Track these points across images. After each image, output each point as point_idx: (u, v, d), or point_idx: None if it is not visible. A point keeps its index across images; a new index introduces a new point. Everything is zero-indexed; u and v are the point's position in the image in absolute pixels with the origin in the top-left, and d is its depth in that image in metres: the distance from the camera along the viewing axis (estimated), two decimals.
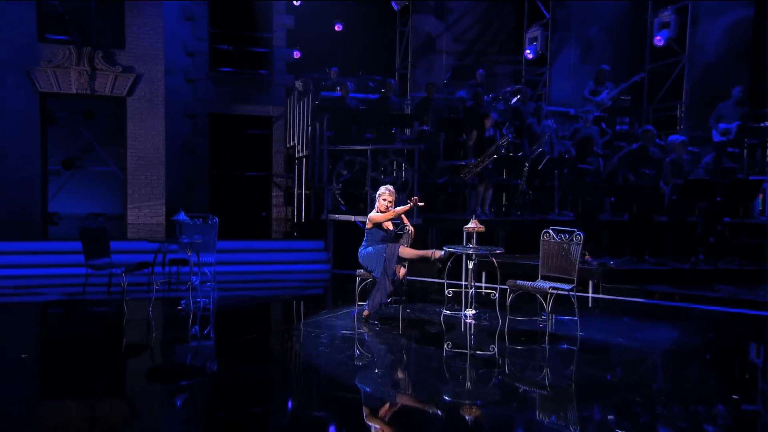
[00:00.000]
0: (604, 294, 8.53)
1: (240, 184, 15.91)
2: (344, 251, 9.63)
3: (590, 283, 8.64)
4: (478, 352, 5.76)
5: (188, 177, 15.28)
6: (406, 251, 6.48)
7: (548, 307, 6.01)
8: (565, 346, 6.05)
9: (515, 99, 12.79)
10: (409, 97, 13.33)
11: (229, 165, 15.77)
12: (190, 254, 6.94)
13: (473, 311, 7.02)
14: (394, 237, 6.67)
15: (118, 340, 6.08)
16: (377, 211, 6.61)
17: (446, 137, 11.51)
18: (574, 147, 10.36)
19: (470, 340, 6.18)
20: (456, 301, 7.27)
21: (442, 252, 6.52)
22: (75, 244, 8.53)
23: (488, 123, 10.41)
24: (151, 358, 5.55)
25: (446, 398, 4.46)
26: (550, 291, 5.98)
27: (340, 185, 10.25)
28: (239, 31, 15.42)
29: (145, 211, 13.19)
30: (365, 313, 6.49)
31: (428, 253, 6.50)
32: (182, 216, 7.17)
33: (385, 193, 6.61)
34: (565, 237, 6.37)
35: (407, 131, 12.05)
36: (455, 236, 7.99)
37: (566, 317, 6.62)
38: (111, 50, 12.94)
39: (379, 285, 6.40)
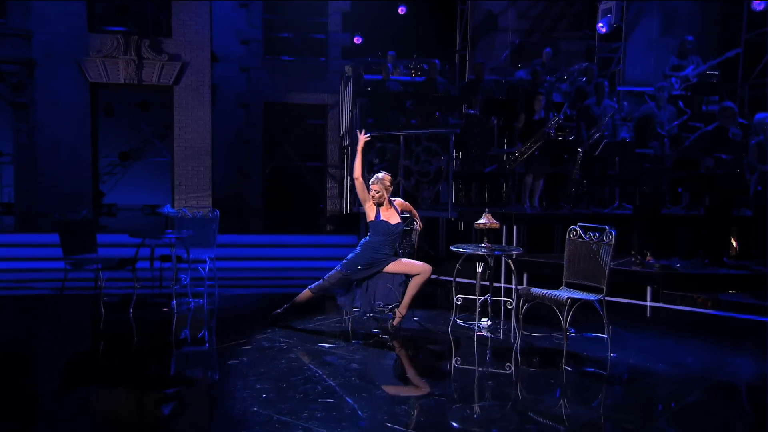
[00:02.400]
0: (665, 303, 7.15)
1: (295, 176, 15.37)
2: None
3: (648, 289, 7.28)
4: (483, 372, 4.71)
5: (242, 168, 14.91)
6: (418, 278, 5.55)
7: (566, 321, 4.86)
8: (590, 369, 4.90)
9: (584, 79, 11.35)
10: (466, 80, 12.17)
11: (284, 155, 15.25)
12: (172, 250, 6.30)
13: (488, 322, 5.94)
14: (402, 233, 5.72)
15: (73, 344, 5.53)
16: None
17: (497, 122, 10.33)
18: (634, 129, 8.89)
19: (471, 361, 5.12)
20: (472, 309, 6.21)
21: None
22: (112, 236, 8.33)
23: (538, 104, 9.16)
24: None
25: None
26: (566, 301, 4.82)
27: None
28: (293, 17, 14.82)
29: (192, 203, 12.87)
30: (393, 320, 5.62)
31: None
32: (168, 208, 6.55)
33: (374, 183, 5.62)
34: (594, 236, 5.17)
35: (457, 116, 10.94)
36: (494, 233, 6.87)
37: (595, 334, 5.42)
38: (158, 38, 12.69)
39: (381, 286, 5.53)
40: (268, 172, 15.12)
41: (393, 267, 5.58)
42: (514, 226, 8.16)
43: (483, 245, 5.66)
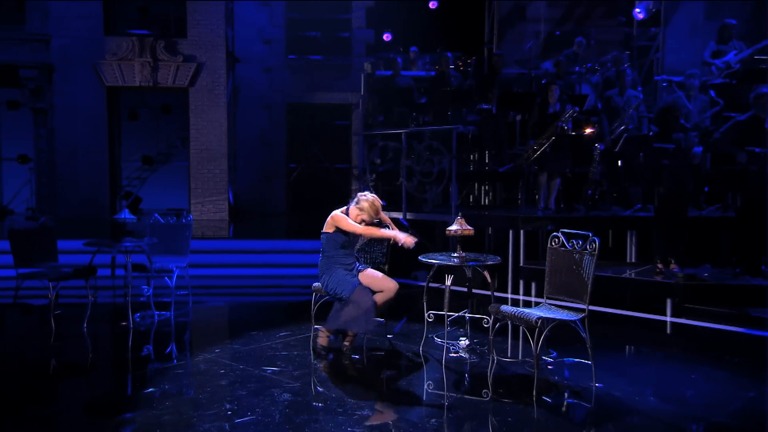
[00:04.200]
0: (688, 318, 6.25)
1: (320, 178, 14.91)
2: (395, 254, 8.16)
3: (668, 302, 6.40)
4: (425, 409, 4.05)
5: (265, 171, 14.56)
6: (381, 295, 4.85)
7: (536, 345, 4.14)
8: (569, 401, 4.15)
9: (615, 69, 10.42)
10: (483, 73, 11.39)
11: (310, 157, 14.81)
12: (128, 260, 5.88)
13: (465, 342, 5.24)
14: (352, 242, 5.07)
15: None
16: (350, 218, 4.93)
17: (518, 117, 9.56)
18: (655, 121, 7.95)
19: (431, 388, 4.45)
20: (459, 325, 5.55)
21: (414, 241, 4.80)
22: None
23: (552, 96, 8.32)
24: None
25: None
26: (536, 322, 4.09)
27: (374, 176, 8.75)
28: (316, 14, 14.38)
29: (208, 207, 12.62)
30: (321, 338, 4.99)
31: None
32: (126, 214, 6.14)
33: (364, 203, 4.90)
34: (577, 244, 4.42)
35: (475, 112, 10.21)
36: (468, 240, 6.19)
37: (578, 359, 4.67)
38: (173, 40, 12.48)
39: (346, 309, 4.82)
40: (292, 175, 14.73)
41: (360, 278, 4.96)
42: (521, 231, 7.40)
43: (455, 254, 4.98)
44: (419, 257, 5.02)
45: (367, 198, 4.92)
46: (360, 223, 4.85)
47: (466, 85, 10.24)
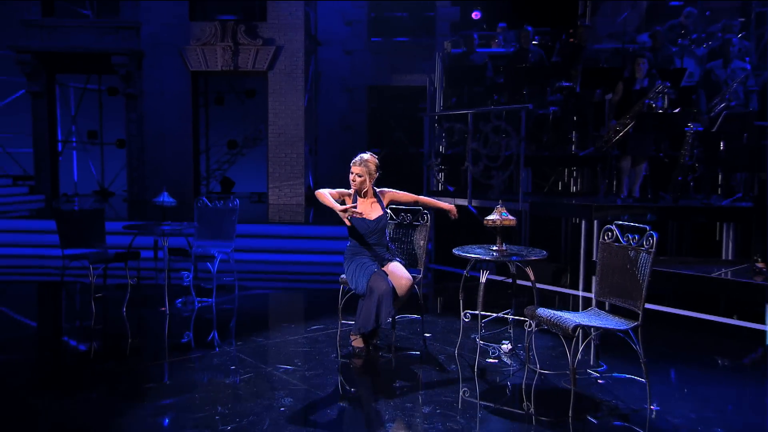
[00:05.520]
0: None
1: (403, 163, 14.44)
2: (447, 242, 7.62)
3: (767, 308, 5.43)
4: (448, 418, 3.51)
5: (345, 155, 14.22)
6: (402, 285, 4.37)
7: (574, 357, 3.49)
8: (614, 424, 3.47)
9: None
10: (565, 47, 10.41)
11: (389, 141, 14.39)
12: (165, 243, 5.71)
13: (508, 346, 4.62)
14: (380, 230, 4.57)
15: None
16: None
17: (601, 96, 8.61)
18: (759, 96, 6.79)
19: (457, 397, 3.89)
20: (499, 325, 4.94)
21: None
22: None
23: (640, 71, 7.38)
24: None
25: None
26: (573, 331, 3.44)
27: (439, 160, 8.16)
28: None
29: (285, 191, 12.53)
30: (353, 340, 4.54)
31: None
32: (165, 197, 5.97)
33: (355, 165, 4.56)
34: (633, 239, 3.70)
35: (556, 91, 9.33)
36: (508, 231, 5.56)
37: (630, 375, 3.93)
38: (253, 23, 12.43)
39: (364, 304, 4.39)
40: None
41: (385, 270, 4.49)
42: (595, 222, 6.59)
43: (495, 248, 4.37)
44: (453, 250, 4.45)
45: (360, 156, 4.61)
46: (362, 186, 4.52)
47: (549, 62, 9.37)
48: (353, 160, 4.60)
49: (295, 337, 4.95)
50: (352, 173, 4.56)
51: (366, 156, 4.61)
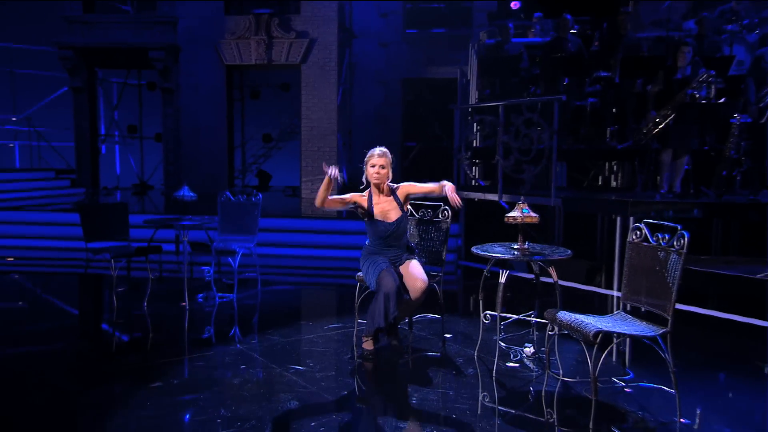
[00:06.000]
0: None
1: (437, 156, 14.20)
2: (478, 239, 7.39)
3: None
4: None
5: None
6: (416, 287, 4.19)
7: (595, 366, 3.24)
8: None
9: None
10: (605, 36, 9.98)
11: (424, 134, 14.15)
12: (184, 238, 5.64)
13: (531, 349, 4.38)
14: (400, 232, 4.37)
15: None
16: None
17: (643, 86, 8.22)
18: None
19: (467, 403, 3.68)
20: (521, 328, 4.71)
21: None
22: None
23: (682, 59, 6.99)
24: None
25: None
26: (593, 337, 3.19)
27: (469, 153, 7.91)
28: None
29: (318, 185, 12.36)
30: (364, 342, 4.37)
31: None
32: (186, 191, 5.90)
33: (375, 157, 4.37)
34: (663, 239, 3.42)
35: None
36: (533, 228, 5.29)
37: (660, 385, 3.66)
38: (286, 16, 12.35)
39: (374, 303, 4.22)
40: (410, 153, 14.17)
41: (402, 270, 4.31)
42: (630, 219, 6.25)
43: (516, 246, 4.13)
44: (472, 249, 4.23)
45: (380, 149, 4.41)
46: (381, 181, 4.31)
47: (587, 52, 8.99)
48: (370, 154, 4.40)
49: (311, 336, 4.82)
50: (375, 166, 4.33)
51: (384, 149, 4.43)
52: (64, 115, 14.45)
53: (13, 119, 16.06)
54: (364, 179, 4.44)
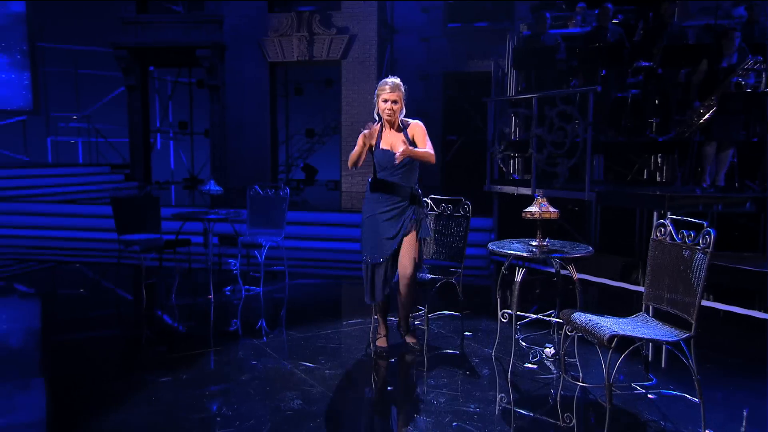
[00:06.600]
0: None
1: (478, 149, 13.82)
2: (512, 233, 7.09)
3: None
4: None
5: None
6: (403, 273, 3.89)
7: (610, 372, 2.95)
8: None
9: None
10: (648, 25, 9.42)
11: (465, 128, 13.80)
12: (210, 231, 5.56)
13: (551, 350, 4.09)
14: (407, 165, 3.88)
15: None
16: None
17: (687, 77, 7.71)
18: None
19: (478, 403, 3.44)
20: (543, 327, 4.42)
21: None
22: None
23: (728, 47, 6.49)
24: None
25: None
26: (608, 341, 2.90)
27: (503, 146, 7.59)
28: None
29: (357, 179, 12.29)
30: (378, 338, 4.17)
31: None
32: (213, 186, 5.81)
33: (388, 91, 3.85)
34: (688, 236, 3.10)
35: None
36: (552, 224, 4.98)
37: (681, 393, 3.32)
38: (327, 13, 12.22)
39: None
40: (453, 147, 13.85)
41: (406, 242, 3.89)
42: (668, 213, 5.84)
43: (535, 243, 3.85)
44: (489, 245, 3.97)
45: (393, 80, 3.88)
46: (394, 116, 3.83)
47: (629, 42, 8.50)
48: (381, 86, 3.87)
49: (328, 332, 4.65)
50: (387, 101, 3.82)
51: (397, 80, 3.90)
52: (121, 112, 14.78)
53: (74, 117, 16.57)
54: (375, 114, 3.98)
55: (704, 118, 6.33)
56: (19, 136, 15.51)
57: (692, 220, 3.15)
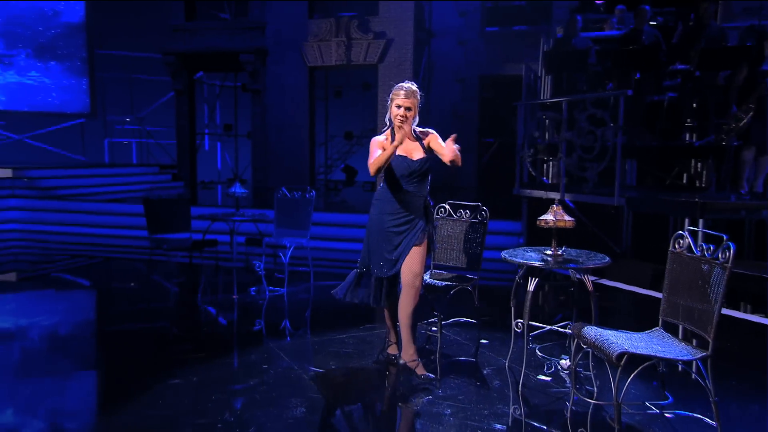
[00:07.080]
0: None
1: (513, 153, 13.51)
2: (539, 238, 6.84)
3: None
4: None
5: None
6: (406, 281, 3.65)
7: (617, 390, 2.73)
8: None
9: None
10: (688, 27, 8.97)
11: (501, 130, 13.48)
12: (233, 232, 5.52)
13: (567, 362, 3.87)
14: (422, 174, 3.70)
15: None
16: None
17: (727, 80, 7.28)
18: None
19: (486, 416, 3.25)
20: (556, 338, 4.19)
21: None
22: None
23: None
24: None
25: None
26: (617, 359, 2.68)
27: (532, 151, 7.33)
28: None
29: None
30: (388, 346, 4.03)
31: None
32: (237, 188, 5.77)
33: (402, 97, 3.66)
34: (707, 249, 2.85)
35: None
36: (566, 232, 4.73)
37: (697, 414, 3.06)
38: (365, 18, 12.13)
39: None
40: (490, 149, 13.58)
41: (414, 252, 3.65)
42: (700, 221, 5.49)
43: (550, 251, 3.63)
44: (502, 253, 3.77)
45: (408, 86, 3.69)
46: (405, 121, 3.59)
47: (665, 44, 8.11)
48: (395, 91, 3.69)
49: (343, 336, 4.53)
50: (400, 107, 3.63)
51: (413, 86, 3.72)
52: (171, 115, 15.07)
53: (128, 120, 16.99)
54: (387, 119, 3.82)
55: (743, 122, 5.95)
56: (78, 138, 15.99)
57: (712, 232, 2.90)
